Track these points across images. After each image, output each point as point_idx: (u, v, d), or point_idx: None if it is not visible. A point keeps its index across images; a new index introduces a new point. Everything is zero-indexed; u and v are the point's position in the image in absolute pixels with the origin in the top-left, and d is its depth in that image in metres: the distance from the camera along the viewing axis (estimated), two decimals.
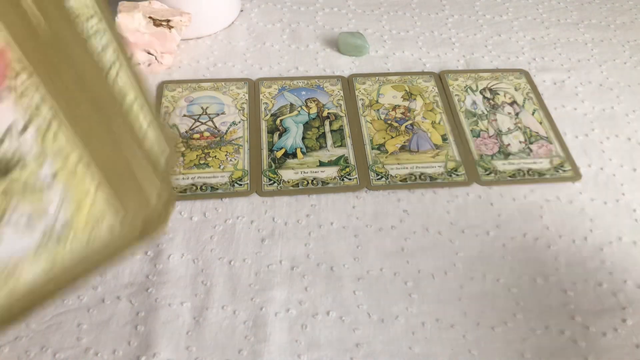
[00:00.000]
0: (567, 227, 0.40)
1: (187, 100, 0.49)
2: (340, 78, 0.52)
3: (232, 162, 0.44)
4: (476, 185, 0.43)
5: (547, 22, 0.62)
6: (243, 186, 0.42)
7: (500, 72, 0.54)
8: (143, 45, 0.51)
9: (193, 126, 0.47)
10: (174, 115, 0.48)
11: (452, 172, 0.44)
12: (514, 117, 0.49)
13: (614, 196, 0.43)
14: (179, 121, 0.47)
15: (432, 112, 0.49)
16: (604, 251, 0.39)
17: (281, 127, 0.47)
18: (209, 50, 0.55)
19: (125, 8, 0.49)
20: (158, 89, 0.50)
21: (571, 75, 0.55)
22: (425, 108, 0.49)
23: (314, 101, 0.50)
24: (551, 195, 0.43)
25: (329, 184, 0.42)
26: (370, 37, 0.58)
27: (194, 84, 0.51)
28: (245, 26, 0.59)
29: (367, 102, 0.50)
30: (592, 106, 0.51)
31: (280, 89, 0.51)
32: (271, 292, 0.36)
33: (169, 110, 0.48)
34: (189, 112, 0.48)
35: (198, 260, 0.37)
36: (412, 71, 0.53)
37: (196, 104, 0.49)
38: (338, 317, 0.35)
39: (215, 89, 0.51)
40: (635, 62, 0.57)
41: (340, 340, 0.34)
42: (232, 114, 0.48)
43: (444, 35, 0.59)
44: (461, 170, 0.44)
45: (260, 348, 0.33)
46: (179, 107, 0.49)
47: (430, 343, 0.34)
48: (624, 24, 0.62)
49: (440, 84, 0.52)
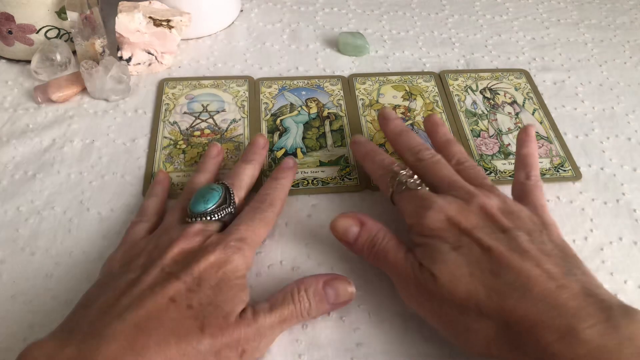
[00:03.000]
0: (567, 227, 0.40)
1: (187, 98, 0.49)
2: (340, 78, 0.52)
3: (233, 159, 0.44)
4: None
5: (547, 22, 0.62)
6: None
7: (501, 72, 0.54)
8: (143, 45, 0.51)
9: (194, 123, 0.47)
10: (174, 113, 0.48)
11: None
12: (514, 117, 0.49)
13: (614, 196, 0.43)
14: (179, 118, 0.47)
15: (432, 112, 0.49)
16: (604, 251, 0.39)
17: (281, 127, 0.47)
18: (209, 50, 0.55)
19: (125, 8, 0.49)
20: (159, 86, 0.51)
21: (571, 75, 0.55)
22: (426, 108, 0.49)
23: (314, 101, 0.50)
24: (551, 195, 0.43)
25: (329, 184, 0.42)
26: (370, 37, 0.58)
27: (194, 81, 0.51)
28: (245, 26, 0.59)
29: (367, 102, 0.50)
30: (592, 106, 0.51)
31: (280, 88, 0.51)
32: (271, 292, 0.35)
33: (169, 108, 0.48)
34: (189, 110, 0.48)
35: None
36: (412, 71, 0.53)
37: (197, 101, 0.49)
38: (338, 317, 0.35)
39: (215, 86, 0.51)
40: (635, 62, 0.57)
41: (341, 340, 0.34)
42: (233, 111, 0.48)
43: (444, 35, 0.59)
44: None
45: None
46: (179, 104, 0.49)
47: (431, 343, 0.34)
48: (624, 24, 0.62)
49: (441, 84, 0.52)
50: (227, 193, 0.36)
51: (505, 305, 0.28)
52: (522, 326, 0.28)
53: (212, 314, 0.29)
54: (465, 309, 0.30)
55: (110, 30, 0.54)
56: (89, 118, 0.47)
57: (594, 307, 0.27)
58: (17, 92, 0.49)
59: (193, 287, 0.30)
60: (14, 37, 0.50)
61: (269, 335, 0.31)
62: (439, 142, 0.40)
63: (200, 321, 0.29)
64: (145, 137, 0.46)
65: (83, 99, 0.49)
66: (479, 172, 0.37)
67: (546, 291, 0.28)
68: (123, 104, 0.49)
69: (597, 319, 0.27)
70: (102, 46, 0.50)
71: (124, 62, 0.50)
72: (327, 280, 0.33)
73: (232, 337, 0.29)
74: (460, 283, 0.30)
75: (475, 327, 0.30)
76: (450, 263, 0.31)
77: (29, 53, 0.51)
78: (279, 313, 0.31)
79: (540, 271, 0.29)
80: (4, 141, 0.45)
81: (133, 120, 0.47)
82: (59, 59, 0.50)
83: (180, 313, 0.29)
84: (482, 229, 0.32)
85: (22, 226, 0.39)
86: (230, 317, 0.30)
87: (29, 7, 0.48)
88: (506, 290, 0.29)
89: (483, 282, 0.30)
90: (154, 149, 0.45)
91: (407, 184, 0.36)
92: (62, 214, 0.40)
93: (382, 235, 0.35)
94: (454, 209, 0.33)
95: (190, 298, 0.30)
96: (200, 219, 0.34)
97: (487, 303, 0.29)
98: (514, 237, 0.31)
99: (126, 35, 0.49)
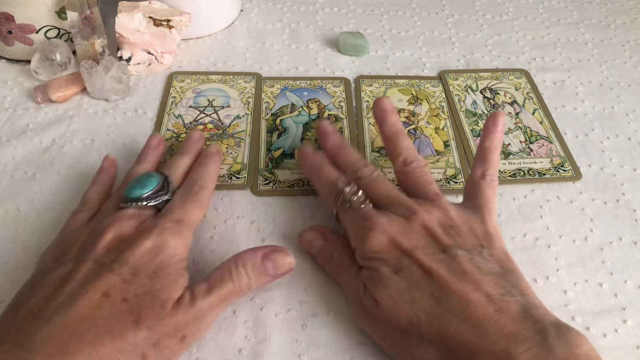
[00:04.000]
0: (567, 227, 0.40)
1: (194, 92, 0.50)
2: (342, 80, 0.52)
3: (232, 155, 0.44)
4: None
5: (547, 22, 0.62)
6: (241, 180, 0.42)
7: (501, 72, 0.54)
8: (143, 45, 0.51)
9: (197, 118, 0.47)
10: (180, 106, 0.48)
11: (450, 179, 0.43)
12: (515, 117, 0.49)
13: (614, 196, 0.43)
14: (184, 112, 0.48)
15: (437, 117, 0.48)
16: (604, 251, 0.39)
17: (280, 126, 0.47)
18: (209, 50, 0.55)
19: (125, 8, 0.49)
20: (167, 80, 0.51)
21: (571, 75, 0.55)
22: (431, 113, 0.49)
23: (315, 102, 0.49)
24: (551, 195, 0.43)
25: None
26: (370, 37, 0.58)
27: (202, 76, 0.51)
28: (245, 26, 0.59)
29: (371, 105, 0.49)
30: (592, 106, 0.51)
31: (282, 88, 0.51)
32: (271, 293, 0.36)
33: (176, 101, 0.48)
34: (195, 104, 0.48)
35: (198, 261, 0.37)
36: (420, 75, 0.53)
37: (203, 95, 0.49)
38: (338, 317, 0.35)
39: (223, 82, 0.51)
40: (635, 62, 0.57)
41: (341, 340, 0.34)
42: (237, 107, 0.48)
43: (444, 35, 0.59)
44: (460, 178, 0.43)
45: (260, 348, 0.33)
46: (185, 98, 0.49)
47: None
48: (624, 24, 0.62)
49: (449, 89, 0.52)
50: (165, 181, 0.36)
51: (445, 332, 0.29)
52: (462, 352, 0.28)
53: (147, 305, 0.29)
54: (407, 334, 0.30)
55: (110, 30, 0.54)
56: (89, 118, 0.47)
57: (530, 330, 0.28)
58: (17, 92, 0.49)
59: (128, 278, 0.29)
60: (14, 37, 0.50)
61: (209, 316, 0.31)
62: (387, 134, 0.39)
63: (135, 314, 0.28)
64: (146, 136, 0.46)
65: (83, 99, 0.49)
66: (425, 174, 0.36)
67: (485, 316, 0.28)
68: (123, 104, 0.49)
69: (532, 343, 0.27)
70: (102, 46, 0.50)
71: (123, 62, 0.50)
72: (266, 254, 0.33)
73: (170, 326, 0.29)
74: (402, 309, 0.30)
75: (417, 352, 0.30)
76: (391, 288, 0.31)
77: (28, 53, 0.51)
78: (217, 293, 0.31)
79: (479, 295, 0.29)
80: (4, 141, 0.45)
81: (133, 120, 0.47)
82: (58, 59, 0.50)
83: (114, 308, 0.28)
84: (422, 250, 0.32)
85: (22, 226, 0.39)
86: (167, 305, 0.29)
87: (29, 7, 0.48)
88: (446, 316, 0.29)
89: (423, 308, 0.30)
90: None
91: (351, 202, 0.35)
92: (62, 214, 0.40)
93: (340, 252, 0.35)
94: (395, 229, 0.32)
95: (125, 290, 0.29)
96: (135, 204, 0.34)
97: (428, 329, 0.29)
98: (453, 256, 0.31)
99: (126, 35, 0.49)
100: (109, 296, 0.29)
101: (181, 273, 0.31)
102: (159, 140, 0.42)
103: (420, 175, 0.36)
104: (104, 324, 0.28)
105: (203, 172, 0.38)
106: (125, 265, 0.30)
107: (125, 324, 0.28)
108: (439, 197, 0.35)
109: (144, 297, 0.29)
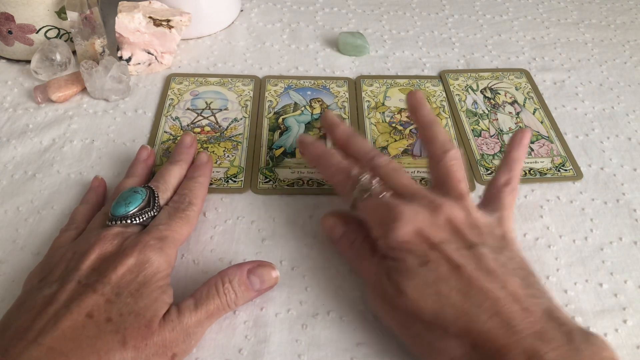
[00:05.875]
0: (567, 227, 0.40)
1: (192, 94, 0.49)
2: (347, 80, 0.52)
3: (229, 158, 0.44)
4: (477, 184, 0.43)
5: (547, 22, 0.62)
6: (237, 183, 0.42)
7: (501, 72, 0.54)
8: (143, 45, 0.51)
9: (195, 120, 0.47)
10: (177, 108, 0.48)
11: None
12: (515, 117, 0.49)
13: (614, 196, 0.43)
14: (182, 114, 0.47)
15: (437, 117, 0.48)
16: (604, 251, 0.39)
17: (283, 125, 0.47)
18: (209, 50, 0.55)
19: (125, 8, 0.49)
20: (165, 81, 0.51)
21: (571, 75, 0.55)
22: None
23: (318, 101, 0.49)
24: (551, 195, 0.43)
25: (325, 185, 0.42)
26: (370, 37, 0.58)
27: (201, 78, 0.51)
28: (245, 26, 0.59)
29: (373, 104, 0.49)
30: (593, 106, 0.51)
31: (286, 87, 0.51)
32: (271, 292, 0.36)
33: (174, 103, 0.48)
34: (192, 106, 0.48)
35: (198, 261, 0.37)
36: (421, 75, 0.53)
37: (201, 98, 0.49)
38: (338, 317, 0.35)
39: (221, 84, 0.51)
40: (635, 62, 0.57)
41: (341, 340, 0.34)
42: (235, 110, 0.48)
43: (444, 35, 0.59)
44: None
45: (260, 348, 0.33)
46: (183, 100, 0.49)
47: None
48: (624, 24, 0.62)
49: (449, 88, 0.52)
50: (151, 196, 0.35)
51: (473, 327, 0.29)
52: (489, 348, 0.28)
53: (132, 324, 0.29)
54: (430, 326, 0.30)
55: (110, 30, 0.54)
56: (89, 118, 0.47)
57: (556, 331, 0.28)
58: (17, 92, 0.49)
59: (111, 298, 0.29)
60: (14, 37, 0.50)
61: (198, 332, 0.31)
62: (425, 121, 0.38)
63: (121, 334, 0.28)
64: (145, 137, 0.46)
65: (83, 99, 0.49)
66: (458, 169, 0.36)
67: (512, 314, 0.28)
68: (123, 103, 0.49)
69: (559, 342, 0.27)
70: (102, 46, 0.50)
71: (123, 62, 0.50)
72: (251, 269, 0.33)
73: (158, 345, 0.29)
74: (428, 301, 0.30)
75: (439, 344, 0.30)
76: (417, 280, 0.31)
77: (28, 53, 0.51)
78: (204, 309, 0.31)
79: (505, 293, 0.29)
80: (4, 141, 0.45)
81: (133, 120, 0.47)
82: (58, 59, 0.50)
83: (98, 329, 0.28)
84: (449, 244, 0.31)
85: (22, 226, 0.39)
86: (153, 324, 0.29)
87: (29, 7, 0.48)
88: (474, 312, 0.29)
89: (451, 302, 0.30)
90: (153, 143, 0.45)
91: (371, 191, 0.35)
92: (61, 214, 0.40)
93: (361, 240, 0.35)
94: (421, 221, 0.32)
95: (109, 310, 0.29)
96: (120, 222, 0.34)
97: (455, 324, 0.29)
98: (479, 254, 0.31)
99: (126, 35, 0.49)
100: (93, 317, 0.29)
101: (165, 290, 0.31)
102: (149, 152, 0.42)
103: (455, 170, 0.35)
104: (89, 345, 0.28)
105: (192, 186, 0.38)
106: (109, 285, 0.30)
107: (111, 344, 0.28)
108: (463, 197, 0.34)
109: (128, 316, 0.29)
